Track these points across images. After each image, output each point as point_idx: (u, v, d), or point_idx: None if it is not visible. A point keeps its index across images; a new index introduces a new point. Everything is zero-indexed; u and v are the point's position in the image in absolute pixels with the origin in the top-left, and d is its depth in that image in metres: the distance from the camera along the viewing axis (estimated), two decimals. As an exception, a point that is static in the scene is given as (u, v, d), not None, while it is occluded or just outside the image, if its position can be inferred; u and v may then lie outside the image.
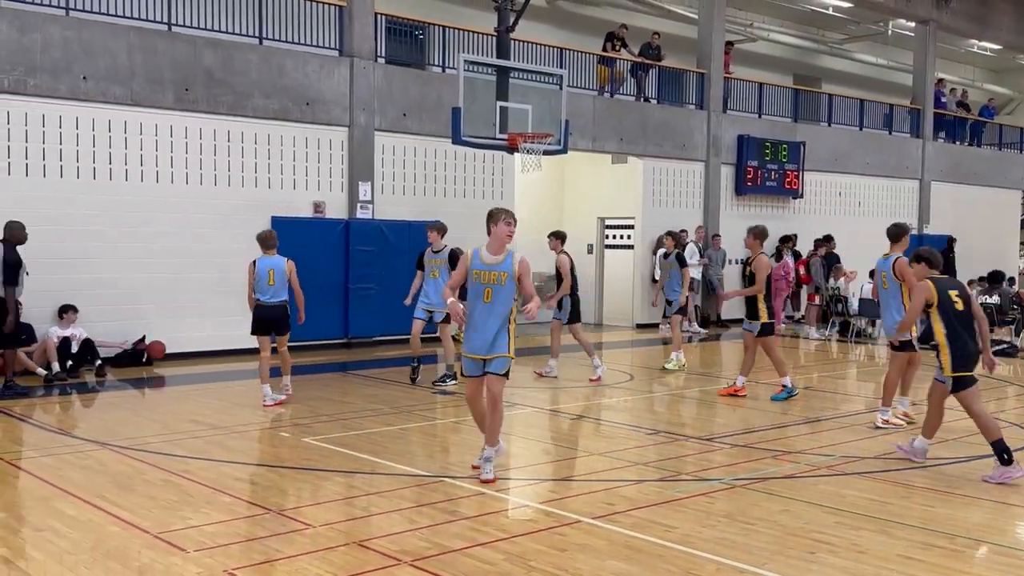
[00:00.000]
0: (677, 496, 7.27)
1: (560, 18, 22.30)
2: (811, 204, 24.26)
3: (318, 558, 5.83)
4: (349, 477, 7.96)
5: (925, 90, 27.39)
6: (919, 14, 26.70)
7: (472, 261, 7.65)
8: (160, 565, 5.72)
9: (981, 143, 30.16)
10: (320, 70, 16.10)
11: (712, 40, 22.05)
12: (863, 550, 6.13)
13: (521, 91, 14.84)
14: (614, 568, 5.73)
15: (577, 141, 18.72)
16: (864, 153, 25.67)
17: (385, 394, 12.01)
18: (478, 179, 18.25)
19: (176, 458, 8.49)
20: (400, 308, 13.20)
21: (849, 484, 7.80)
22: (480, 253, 7.66)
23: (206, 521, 6.59)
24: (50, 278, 13.41)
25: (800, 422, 10.54)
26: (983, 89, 34.65)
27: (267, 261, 11.06)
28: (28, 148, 13.43)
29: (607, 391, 12.52)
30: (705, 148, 21.97)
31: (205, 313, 14.94)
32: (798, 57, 28.80)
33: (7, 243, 11.62)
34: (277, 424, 10.29)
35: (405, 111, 17.12)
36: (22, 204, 13.27)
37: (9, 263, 11.41)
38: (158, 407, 11.12)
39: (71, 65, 13.67)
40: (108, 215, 13.94)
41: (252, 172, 15.49)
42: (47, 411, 11.20)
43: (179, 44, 14.63)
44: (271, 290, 11.02)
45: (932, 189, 27.53)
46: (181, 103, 14.66)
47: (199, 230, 14.88)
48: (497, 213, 7.75)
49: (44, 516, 6.68)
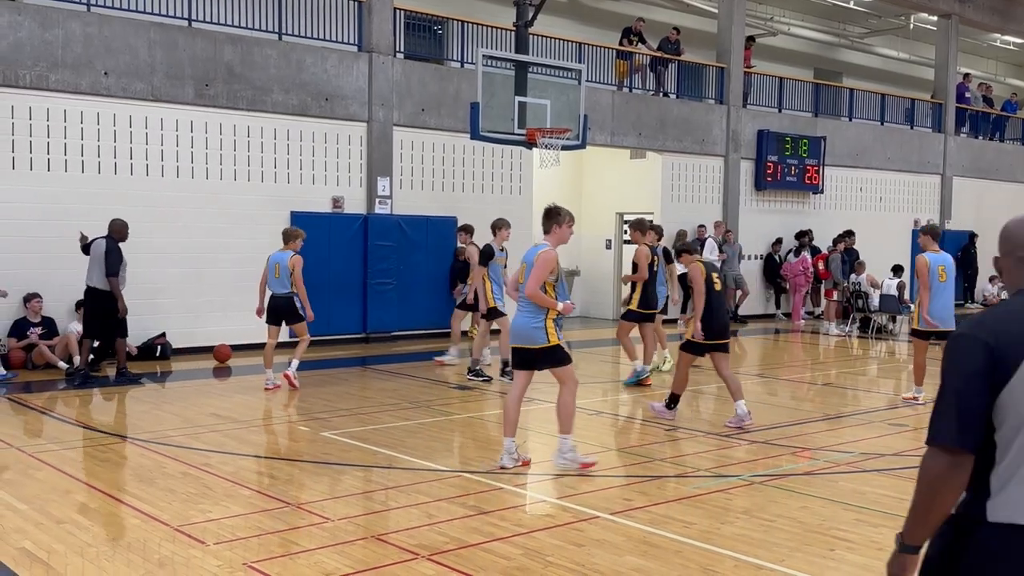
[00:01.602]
0: (695, 492, 7.25)
1: (579, 13, 22.24)
2: (832, 199, 24.12)
3: (336, 552, 5.86)
4: (367, 471, 7.99)
5: (947, 85, 27.15)
6: (941, 8, 26.46)
7: None
8: (180, 558, 5.75)
9: (1004, 138, 29.89)
10: (339, 65, 16.13)
11: (732, 34, 21.94)
12: (882, 547, 6.09)
13: (539, 86, 14.81)
14: (632, 564, 5.72)
15: (595, 136, 18.69)
16: (885, 148, 25.49)
17: (403, 389, 12.04)
18: (496, 174, 18.25)
19: (196, 451, 8.55)
20: (418, 303, 13.22)
21: (869, 481, 7.76)
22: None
23: (225, 514, 6.63)
24: (70, 273, 13.52)
25: (820, 418, 10.49)
26: (1006, 84, 34.32)
27: (277, 255, 11.84)
28: (50, 143, 13.53)
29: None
30: (724, 143, 21.88)
31: (226, 308, 15.01)
32: (819, 51, 28.61)
33: (110, 238, 12.26)
34: (296, 418, 10.33)
35: (424, 106, 17.14)
36: (43, 199, 13.41)
37: (112, 256, 12.07)
38: (178, 401, 11.19)
39: (92, 61, 13.75)
40: (128, 210, 13.98)
41: (271, 167, 15.55)
42: (68, 404, 11.29)
43: (199, 39, 14.70)
44: (276, 283, 11.82)
45: (954, 184, 27.32)
46: (201, 98, 14.73)
47: (219, 225, 14.95)
48: (563, 214, 7.84)
49: (66, 509, 6.74)
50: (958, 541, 2.70)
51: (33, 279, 13.33)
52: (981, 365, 2.64)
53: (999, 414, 2.64)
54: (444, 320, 17.45)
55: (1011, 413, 2.62)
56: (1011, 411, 2.62)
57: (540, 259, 7.72)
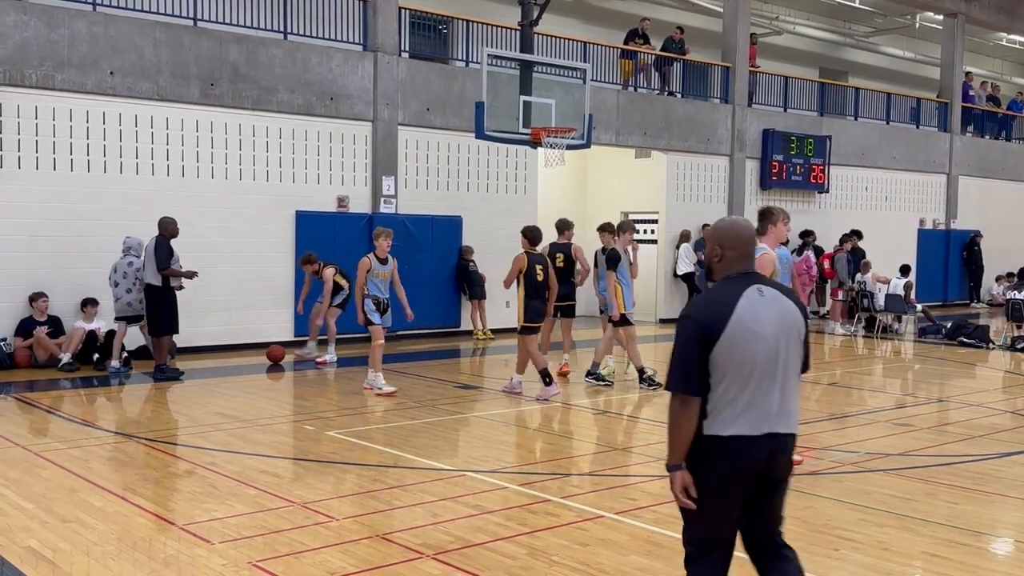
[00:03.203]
0: (700, 492, 7.24)
1: (584, 12, 22.23)
2: (837, 199, 24.09)
3: (341, 551, 5.86)
4: (372, 471, 8.00)
5: (953, 84, 27.09)
6: (947, 7, 26.41)
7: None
8: (185, 557, 5.77)
9: (1010, 137, 29.82)
10: (344, 65, 16.14)
11: (737, 33, 21.91)
12: (887, 547, 6.09)
13: (544, 85, 14.80)
14: (636, 563, 5.72)
15: (600, 135, 18.67)
16: (891, 147, 25.44)
17: (408, 388, 12.04)
18: (501, 173, 18.24)
19: (201, 450, 8.56)
20: (423, 302, 13.22)
21: (874, 481, 7.75)
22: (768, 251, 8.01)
23: (231, 513, 6.64)
24: (76, 272, 13.57)
25: (825, 418, 10.48)
26: (1011, 83, 34.25)
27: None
28: (55, 143, 13.55)
29: (630, 386, 12.48)
30: (730, 142, 21.85)
31: (231, 307, 15.04)
32: (824, 51, 28.57)
33: (160, 236, 12.45)
34: (301, 418, 10.34)
35: (428, 106, 17.14)
36: (49, 198, 13.43)
37: (160, 252, 12.33)
38: (184, 400, 11.21)
39: (98, 60, 13.78)
40: (134, 209, 14.03)
41: (276, 167, 15.56)
42: (74, 403, 11.32)
43: (204, 39, 14.71)
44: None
45: (960, 184, 27.26)
46: (206, 98, 14.75)
47: (224, 224, 14.96)
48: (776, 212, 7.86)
49: (71, 507, 6.75)
50: (694, 447, 3.95)
51: (39, 278, 13.35)
52: (704, 333, 3.89)
53: (711, 369, 3.89)
54: (449, 319, 17.52)
55: (717, 368, 3.89)
56: (717, 367, 3.89)
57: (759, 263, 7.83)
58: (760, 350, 3.90)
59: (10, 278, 13.20)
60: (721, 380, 3.90)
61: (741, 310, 3.90)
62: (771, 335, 3.93)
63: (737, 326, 3.87)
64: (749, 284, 4.00)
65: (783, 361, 3.96)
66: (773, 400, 3.94)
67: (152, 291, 12.46)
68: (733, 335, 3.87)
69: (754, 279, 4.05)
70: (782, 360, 3.95)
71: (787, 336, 3.97)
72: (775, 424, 3.95)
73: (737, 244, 4.07)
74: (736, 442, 3.89)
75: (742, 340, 3.88)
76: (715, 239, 4.12)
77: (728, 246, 4.07)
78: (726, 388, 3.89)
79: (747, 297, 3.94)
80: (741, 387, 3.89)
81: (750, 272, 4.08)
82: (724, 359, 3.88)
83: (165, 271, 12.39)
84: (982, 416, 9.57)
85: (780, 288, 4.09)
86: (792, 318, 4.01)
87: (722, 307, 3.92)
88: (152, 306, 12.53)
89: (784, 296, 4.04)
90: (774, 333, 3.93)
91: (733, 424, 3.89)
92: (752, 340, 3.89)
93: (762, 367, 3.91)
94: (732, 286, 3.99)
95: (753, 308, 3.92)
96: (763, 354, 3.91)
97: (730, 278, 4.04)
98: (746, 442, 3.89)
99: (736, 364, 3.88)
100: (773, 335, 3.93)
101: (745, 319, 3.89)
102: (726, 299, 3.94)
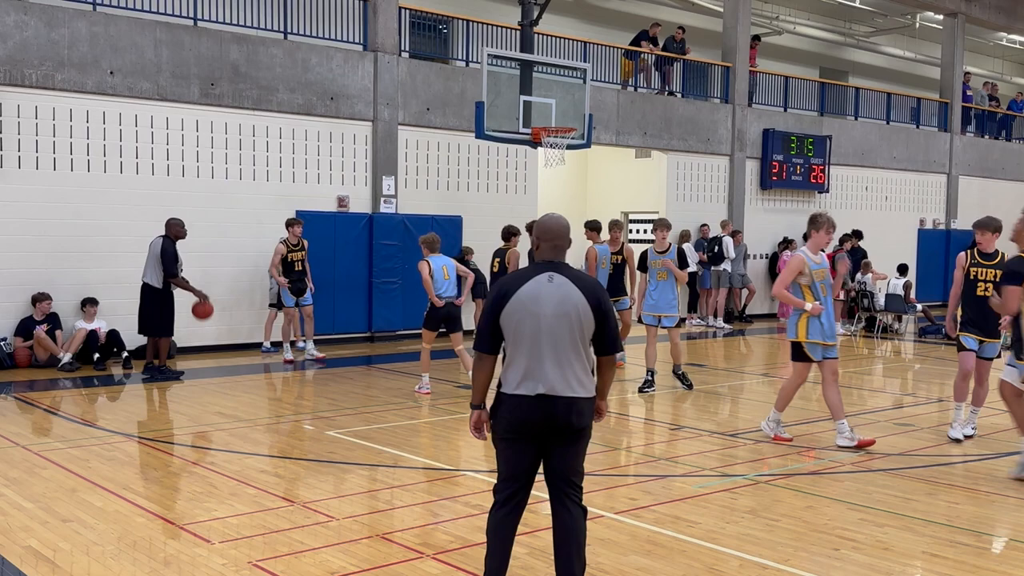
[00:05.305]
0: (700, 492, 7.25)
1: (584, 12, 22.24)
2: (837, 199, 24.08)
3: (341, 550, 5.87)
4: (372, 470, 8.00)
5: (953, 83, 27.09)
6: (947, 7, 26.41)
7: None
8: (186, 556, 5.77)
9: (1010, 137, 29.82)
10: (344, 64, 16.14)
11: (737, 33, 21.91)
12: (887, 547, 6.09)
13: (545, 85, 14.81)
14: (636, 563, 5.72)
15: (600, 135, 18.67)
16: (891, 147, 25.45)
17: (408, 388, 12.04)
18: (501, 173, 18.24)
19: (201, 450, 8.56)
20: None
21: (874, 481, 7.75)
22: (808, 255, 8.98)
23: (231, 513, 6.64)
24: (76, 272, 13.57)
25: (825, 418, 10.46)
26: (1012, 83, 34.25)
27: (438, 260, 11.56)
28: (56, 143, 13.55)
29: (629, 386, 12.49)
30: (730, 142, 21.86)
31: (231, 307, 15.04)
32: (824, 50, 28.58)
33: (166, 238, 12.44)
34: (301, 417, 10.35)
35: (429, 105, 17.14)
36: (49, 198, 13.44)
37: (168, 255, 12.31)
38: (184, 399, 11.21)
39: (98, 60, 13.78)
40: (134, 209, 14.04)
41: (276, 166, 15.56)
42: (75, 403, 11.32)
43: (205, 39, 14.71)
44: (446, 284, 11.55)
45: (960, 183, 27.25)
46: (207, 98, 14.75)
47: (224, 224, 14.97)
48: (820, 221, 9.04)
49: (72, 507, 6.75)
50: (496, 399, 4.83)
51: (40, 278, 13.36)
52: (494, 304, 4.74)
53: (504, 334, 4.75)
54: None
55: (506, 331, 4.74)
56: (506, 330, 4.74)
57: (789, 264, 8.90)
58: (530, 324, 4.67)
59: (10, 278, 13.21)
60: (508, 345, 4.77)
61: (524, 290, 4.70)
62: (545, 315, 4.66)
63: (516, 303, 4.69)
64: (545, 271, 4.75)
65: (554, 337, 4.66)
66: (547, 368, 4.66)
67: (150, 291, 12.41)
68: (512, 310, 4.69)
69: (555, 267, 4.77)
70: (553, 336, 4.66)
71: (560, 317, 4.67)
72: (552, 388, 4.66)
73: (549, 237, 4.84)
74: (514, 400, 4.71)
75: (517, 314, 4.69)
76: (536, 232, 4.93)
77: (543, 239, 4.86)
78: (510, 353, 4.76)
79: (535, 281, 4.71)
80: (516, 353, 4.72)
81: (556, 262, 4.81)
82: (505, 327, 4.74)
83: (175, 281, 12.39)
84: (982, 416, 9.57)
85: (580, 280, 4.74)
86: (572, 304, 4.68)
87: (512, 285, 4.74)
88: (148, 307, 12.45)
89: (575, 286, 4.70)
90: (549, 313, 4.66)
91: (515, 386, 4.71)
92: (525, 316, 4.68)
93: (531, 339, 4.67)
94: (530, 270, 4.80)
95: (536, 290, 4.69)
96: (533, 328, 4.67)
97: (536, 264, 4.85)
98: (520, 400, 4.69)
99: (511, 333, 4.72)
100: (547, 315, 4.66)
101: (523, 298, 4.69)
102: (519, 280, 4.76)
